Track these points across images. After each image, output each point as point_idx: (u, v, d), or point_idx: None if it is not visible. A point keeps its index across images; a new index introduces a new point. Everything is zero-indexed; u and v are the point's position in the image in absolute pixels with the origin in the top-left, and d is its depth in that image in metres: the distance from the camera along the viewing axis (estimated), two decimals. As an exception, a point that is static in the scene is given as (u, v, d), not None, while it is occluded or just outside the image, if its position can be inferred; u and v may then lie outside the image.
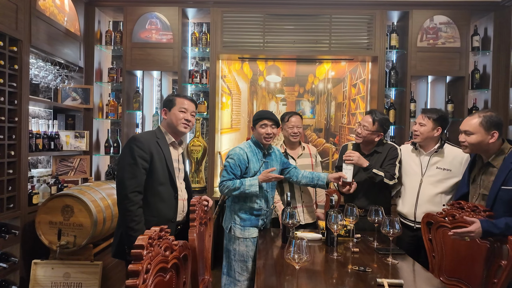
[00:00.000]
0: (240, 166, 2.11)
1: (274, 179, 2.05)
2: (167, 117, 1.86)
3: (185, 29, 3.37)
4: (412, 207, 2.12)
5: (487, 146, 1.74)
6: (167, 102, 1.87)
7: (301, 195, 2.38)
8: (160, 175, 1.71)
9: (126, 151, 1.67)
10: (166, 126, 1.88)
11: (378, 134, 2.21)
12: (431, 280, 1.53)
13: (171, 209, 1.77)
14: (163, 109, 1.89)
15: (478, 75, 3.25)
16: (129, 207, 1.60)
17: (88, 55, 3.20)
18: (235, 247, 2.14)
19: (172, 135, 1.86)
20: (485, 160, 1.80)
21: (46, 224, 2.29)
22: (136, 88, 3.44)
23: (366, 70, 3.47)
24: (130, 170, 1.63)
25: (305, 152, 2.46)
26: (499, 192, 1.66)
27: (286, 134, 2.42)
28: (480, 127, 1.72)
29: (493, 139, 1.72)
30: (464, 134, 1.79)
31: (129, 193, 1.60)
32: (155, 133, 1.82)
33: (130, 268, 0.92)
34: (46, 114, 3.03)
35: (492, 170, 1.76)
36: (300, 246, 1.25)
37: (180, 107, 1.83)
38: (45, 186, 2.63)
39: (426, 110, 2.15)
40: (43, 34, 2.54)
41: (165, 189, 1.73)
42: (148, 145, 1.69)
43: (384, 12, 3.15)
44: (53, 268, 2.28)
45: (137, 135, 1.73)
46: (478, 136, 1.73)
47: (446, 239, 1.80)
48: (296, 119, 2.38)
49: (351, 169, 2.10)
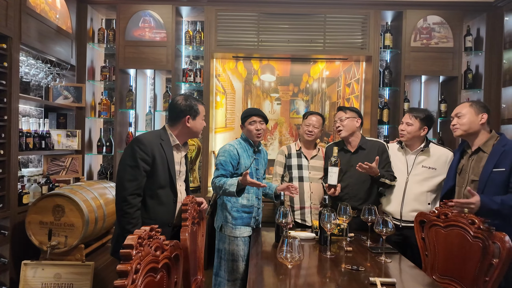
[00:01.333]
0: (231, 162, 2.11)
1: (251, 184, 1.88)
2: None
3: (179, 27, 3.34)
4: (398, 206, 2.14)
5: (478, 128, 1.86)
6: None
7: (311, 195, 2.34)
8: (160, 178, 1.68)
9: (128, 152, 1.63)
10: (182, 129, 1.79)
11: (357, 120, 2.27)
12: (423, 279, 1.53)
13: (169, 212, 1.73)
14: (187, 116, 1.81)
15: (470, 75, 3.28)
16: (127, 209, 1.57)
17: (80, 53, 3.16)
18: (225, 246, 2.14)
19: (179, 138, 1.79)
20: (474, 147, 1.90)
21: (36, 224, 2.25)
22: (129, 86, 3.41)
23: (360, 69, 3.48)
24: (131, 172, 1.59)
25: (319, 155, 2.43)
26: (491, 174, 1.75)
27: (301, 131, 2.42)
28: (470, 108, 1.88)
29: (482, 120, 1.85)
30: (456, 118, 1.92)
31: (128, 195, 1.57)
32: (159, 134, 1.76)
33: (119, 268, 0.90)
34: (37, 112, 2.99)
35: (482, 155, 1.85)
36: (292, 245, 1.25)
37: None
38: (35, 186, 2.59)
39: (412, 109, 2.19)
40: (34, 31, 2.50)
41: (164, 193, 1.70)
42: (151, 147, 1.65)
43: (378, 12, 3.16)
44: (43, 269, 2.25)
45: (141, 136, 1.68)
46: (469, 117, 1.87)
47: (439, 238, 1.80)
48: (317, 118, 2.37)
49: (336, 172, 2.10)
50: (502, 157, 1.74)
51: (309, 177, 2.35)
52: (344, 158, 2.25)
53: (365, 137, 2.33)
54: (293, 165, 2.38)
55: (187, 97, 1.80)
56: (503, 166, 1.73)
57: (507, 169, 1.72)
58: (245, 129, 2.22)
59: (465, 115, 1.88)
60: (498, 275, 1.50)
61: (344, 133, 2.26)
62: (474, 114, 1.86)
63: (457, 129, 1.91)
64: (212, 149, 3.42)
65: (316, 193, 2.36)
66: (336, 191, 2.12)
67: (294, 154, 2.41)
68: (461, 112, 1.90)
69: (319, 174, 2.39)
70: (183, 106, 1.76)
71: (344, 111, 2.30)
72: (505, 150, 1.75)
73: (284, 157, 2.42)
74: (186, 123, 1.77)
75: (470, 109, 1.88)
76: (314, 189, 2.35)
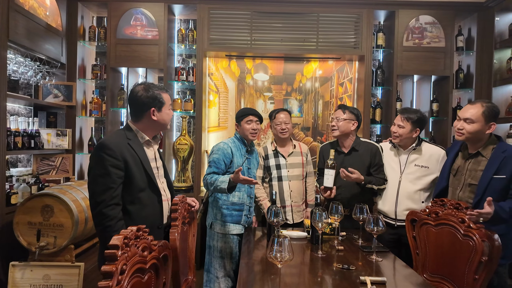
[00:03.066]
0: (224, 160, 2.12)
1: (244, 181, 1.89)
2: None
3: (171, 25, 3.31)
4: (393, 205, 2.14)
5: (482, 136, 1.78)
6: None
7: (290, 194, 2.36)
8: (139, 181, 1.51)
9: (95, 161, 1.44)
10: (148, 124, 1.62)
11: (353, 123, 2.24)
12: (413, 277, 1.54)
13: (156, 214, 1.59)
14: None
15: (462, 74, 3.30)
16: (106, 223, 1.39)
17: (70, 51, 3.11)
18: (214, 243, 2.15)
19: (146, 133, 1.62)
20: (473, 150, 1.84)
21: (24, 224, 2.22)
22: (121, 85, 3.37)
23: (353, 69, 3.48)
24: (102, 181, 1.41)
25: (296, 151, 2.43)
26: (491, 181, 1.72)
27: (275, 131, 2.39)
28: (482, 116, 1.75)
29: (490, 130, 1.76)
30: (463, 122, 1.80)
31: (104, 208, 1.39)
32: (124, 133, 1.56)
33: (103, 269, 0.88)
34: (26, 111, 2.94)
35: (480, 159, 1.80)
36: (282, 245, 1.24)
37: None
38: (24, 186, 2.55)
39: (404, 111, 2.14)
40: (22, 29, 2.45)
41: (146, 195, 1.54)
42: (120, 150, 1.46)
43: (371, 12, 3.16)
44: (32, 270, 2.21)
45: (105, 141, 1.48)
46: (478, 126, 1.76)
47: (430, 237, 1.81)
48: (284, 115, 2.36)
49: (333, 174, 2.09)
50: (502, 164, 1.71)
51: (288, 175, 2.36)
52: (338, 159, 2.25)
53: (359, 138, 2.32)
54: (271, 165, 2.38)
55: (148, 86, 1.59)
56: (503, 173, 1.70)
57: (507, 176, 1.70)
58: (241, 128, 2.22)
59: (474, 122, 1.75)
60: (488, 273, 1.51)
61: (337, 133, 2.26)
62: (483, 123, 1.75)
63: (462, 135, 1.82)
64: (205, 149, 3.40)
65: (296, 190, 2.38)
66: (332, 193, 2.12)
67: (271, 154, 2.40)
68: (470, 118, 1.76)
69: (298, 170, 2.40)
70: (145, 98, 1.56)
71: (343, 111, 2.24)
72: (505, 157, 1.72)
73: (262, 158, 2.42)
74: (151, 117, 1.58)
75: (481, 118, 1.74)
76: (294, 187, 2.37)
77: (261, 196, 2.33)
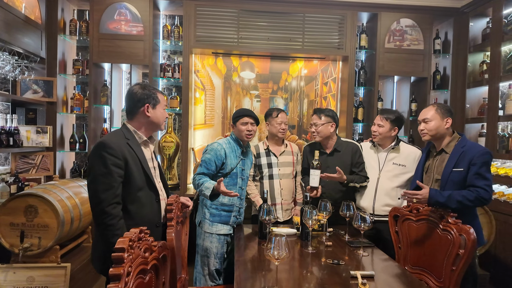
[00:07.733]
0: (216, 161, 2.13)
1: (223, 193, 1.96)
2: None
3: (156, 21, 3.26)
4: (371, 201, 2.26)
5: (444, 131, 1.97)
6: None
7: (281, 192, 2.41)
8: (138, 181, 1.53)
9: (97, 160, 1.45)
10: (146, 123, 1.64)
11: (331, 125, 2.32)
12: (397, 270, 1.64)
13: (154, 213, 1.61)
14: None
15: (439, 76, 3.47)
16: (108, 222, 1.40)
17: (50, 45, 2.99)
18: (200, 241, 2.19)
19: (142, 132, 1.64)
20: (438, 148, 2.02)
21: (6, 226, 2.15)
22: (104, 81, 3.29)
23: (337, 69, 3.57)
24: (104, 180, 1.42)
25: (287, 150, 2.49)
26: (451, 174, 1.90)
27: (274, 130, 2.41)
28: (436, 114, 1.98)
29: (447, 124, 1.97)
30: (423, 123, 2.02)
31: (107, 206, 1.40)
32: (123, 133, 1.59)
33: (111, 272, 0.89)
34: (3, 107, 2.82)
35: (445, 156, 1.98)
36: (279, 243, 1.29)
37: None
38: (3, 185, 2.46)
39: (383, 111, 2.30)
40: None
41: (145, 194, 1.57)
42: (120, 149, 1.48)
43: (355, 13, 3.25)
44: (15, 272, 2.15)
45: (105, 140, 1.49)
46: (436, 122, 1.97)
47: (411, 232, 1.92)
48: (285, 115, 2.43)
49: (318, 174, 2.16)
50: (461, 158, 1.88)
51: (279, 174, 2.42)
52: (320, 160, 2.32)
53: (340, 138, 2.41)
54: (263, 164, 2.43)
55: (145, 85, 1.64)
56: (461, 166, 1.87)
57: (464, 168, 1.86)
58: (236, 129, 2.24)
59: (431, 120, 1.97)
60: (464, 264, 1.63)
61: (319, 138, 2.35)
62: (439, 119, 1.96)
63: (425, 134, 2.01)
64: (191, 146, 3.39)
65: (286, 189, 2.44)
66: (318, 192, 2.19)
67: (262, 153, 2.45)
68: (427, 118, 1.98)
69: (289, 169, 2.46)
70: (141, 94, 1.61)
71: (319, 116, 2.33)
72: (463, 151, 1.89)
73: (253, 157, 2.46)
74: (145, 113, 1.61)
75: (436, 114, 1.97)
76: (284, 185, 2.43)
77: (252, 193, 2.37)
